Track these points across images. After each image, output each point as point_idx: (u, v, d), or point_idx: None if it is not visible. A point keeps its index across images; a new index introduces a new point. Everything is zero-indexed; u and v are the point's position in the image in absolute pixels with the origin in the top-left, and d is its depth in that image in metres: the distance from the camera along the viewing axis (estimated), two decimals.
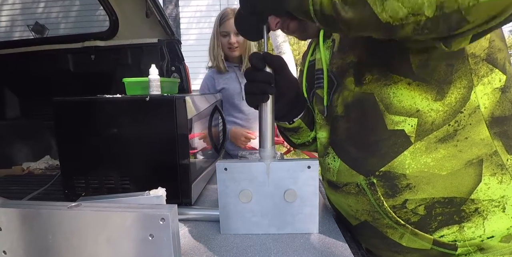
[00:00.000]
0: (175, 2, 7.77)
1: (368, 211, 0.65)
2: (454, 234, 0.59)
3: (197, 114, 1.01)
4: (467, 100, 0.57)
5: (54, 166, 1.56)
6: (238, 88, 1.70)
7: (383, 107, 0.61)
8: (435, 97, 0.57)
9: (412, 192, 0.59)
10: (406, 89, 0.59)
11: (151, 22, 1.66)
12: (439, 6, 0.38)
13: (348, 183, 0.67)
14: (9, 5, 2.21)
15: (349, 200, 0.68)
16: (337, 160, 0.69)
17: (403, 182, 0.60)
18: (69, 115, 0.95)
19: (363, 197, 0.65)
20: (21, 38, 2.07)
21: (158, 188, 0.78)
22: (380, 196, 0.62)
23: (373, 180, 0.62)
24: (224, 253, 0.69)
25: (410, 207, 0.60)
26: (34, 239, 0.55)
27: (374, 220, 0.65)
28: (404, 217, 0.61)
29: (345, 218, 0.74)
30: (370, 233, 0.68)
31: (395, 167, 0.60)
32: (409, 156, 0.59)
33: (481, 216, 0.58)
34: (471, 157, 0.57)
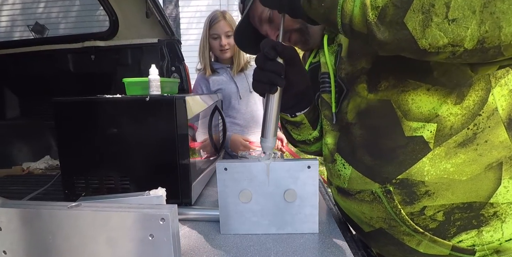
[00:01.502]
0: (175, 2, 7.77)
1: (384, 218, 0.64)
2: (472, 239, 0.58)
3: (197, 114, 1.01)
4: (485, 102, 0.55)
5: (54, 166, 1.56)
6: (234, 88, 1.70)
7: (400, 113, 0.59)
8: (454, 101, 0.56)
9: (431, 198, 0.58)
10: (425, 95, 0.57)
11: (151, 22, 1.66)
12: (481, 40, 0.38)
13: (361, 191, 0.65)
14: (9, 5, 2.21)
15: (362, 207, 0.66)
16: (348, 168, 0.66)
17: (422, 189, 0.58)
18: (69, 115, 0.95)
19: (378, 205, 0.63)
20: (21, 38, 2.07)
21: (158, 188, 0.78)
22: (397, 204, 0.60)
23: (389, 188, 0.60)
24: (224, 253, 0.69)
25: (429, 213, 0.59)
26: (34, 239, 0.55)
27: (390, 227, 0.64)
28: (422, 224, 0.60)
29: (357, 224, 0.72)
30: (385, 240, 0.67)
31: (413, 174, 0.58)
32: (428, 163, 0.57)
33: (499, 219, 0.57)
34: (491, 160, 0.56)
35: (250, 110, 1.74)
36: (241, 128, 1.73)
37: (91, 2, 1.82)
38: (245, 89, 1.72)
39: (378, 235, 0.68)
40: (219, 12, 1.67)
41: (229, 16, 1.67)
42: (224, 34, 1.63)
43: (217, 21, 1.63)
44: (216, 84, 1.69)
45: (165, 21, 1.64)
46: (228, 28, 1.64)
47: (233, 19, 1.68)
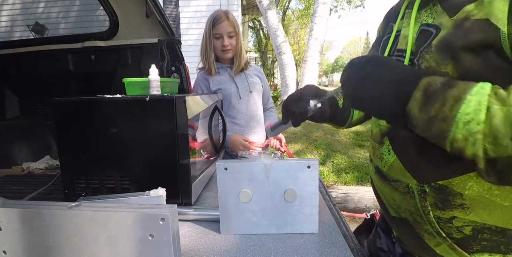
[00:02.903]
0: (175, 2, 7.77)
1: (411, 212, 0.63)
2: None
3: (197, 114, 1.01)
4: None
5: (54, 166, 1.57)
6: (234, 88, 1.70)
7: None
8: None
9: (464, 212, 0.57)
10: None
11: (151, 22, 1.66)
12: None
13: (398, 180, 0.64)
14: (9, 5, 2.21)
15: (394, 195, 0.66)
16: (393, 155, 0.64)
17: (458, 201, 0.57)
18: (69, 115, 0.95)
19: (410, 199, 0.62)
20: (21, 38, 2.07)
21: (158, 188, 0.78)
22: (428, 205, 0.59)
23: (425, 189, 0.59)
24: (224, 253, 0.69)
25: (457, 224, 0.58)
26: (34, 239, 0.55)
27: (414, 221, 0.63)
28: (446, 231, 0.59)
29: (386, 206, 0.72)
30: (407, 230, 0.66)
31: (455, 185, 0.56)
32: (474, 179, 0.55)
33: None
34: None
35: (250, 110, 1.74)
36: (241, 128, 1.73)
37: (91, 2, 1.82)
38: (245, 89, 1.72)
39: (402, 223, 0.67)
40: (222, 12, 1.66)
41: (232, 16, 1.66)
42: (227, 34, 1.63)
43: (221, 21, 1.62)
44: (216, 84, 1.68)
45: (165, 21, 1.64)
46: (231, 28, 1.63)
47: (235, 19, 1.68)
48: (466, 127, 0.42)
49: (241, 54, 1.70)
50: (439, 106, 0.44)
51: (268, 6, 7.41)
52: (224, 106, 1.68)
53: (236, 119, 1.72)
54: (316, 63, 7.34)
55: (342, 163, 4.20)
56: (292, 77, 7.80)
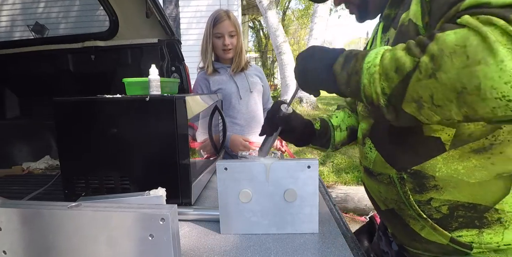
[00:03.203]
0: (175, 2, 7.77)
1: (396, 200, 0.70)
2: (472, 237, 0.62)
3: (197, 114, 1.01)
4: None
5: (54, 166, 1.57)
6: (234, 88, 1.70)
7: None
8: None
9: (438, 192, 0.63)
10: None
11: (151, 22, 1.66)
12: (465, 117, 0.46)
13: (381, 173, 0.72)
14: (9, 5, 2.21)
15: (380, 187, 0.73)
16: (374, 151, 0.74)
17: (431, 183, 0.63)
18: (69, 115, 0.95)
19: (392, 188, 0.70)
20: (21, 38, 2.07)
21: (158, 188, 0.78)
22: (408, 190, 0.66)
23: (403, 176, 0.67)
24: (224, 253, 0.69)
25: (434, 205, 0.64)
26: (34, 239, 0.55)
27: (399, 209, 0.70)
28: (427, 212, 0.65)
29: (376, 202, 0.79)
30: (395, 219, 0.72)
31: (426, 169, 0.63)
32: (441, 161, 0.62)
33: (502, 225, 0.60)
34: (502, 170, 0.59)
35: (251, 110, 1.74)
36: (241, 128, 1.73)
37: (91, 2, 1.81)
38: (245, 89, 1.71)
39: (390, 214, 0.74)
40: (223, 11, 1.66)
41: (233, 16, 1.66)
42: (228, 34, 1.63)
43: (222, 21, 1.62)
44: (216, 84, 1.68)
45: (165, 21, 1.64)
46: (232, 27, 1.63)
47: (236, 19, 1.68)
48: (368, 71, 0.53)
49: (242, 53, 1.70)
50: (353, 64, 0.56)
51: (268, 6, 7.41)
52: (224, 106, 1.68)
53: (236, 119, 1.71)
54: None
55: (342, 163, 4.21)
56: (292, 77, 7.79)
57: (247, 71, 1.75)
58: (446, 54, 0.44)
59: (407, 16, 0.61)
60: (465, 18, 0.45)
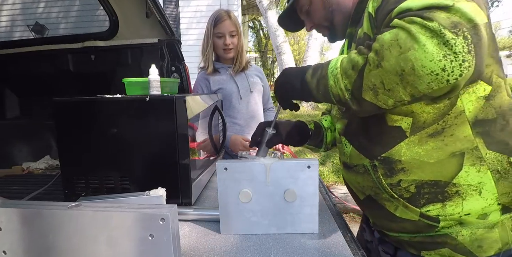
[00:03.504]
0: (175, 2, 7.77)
1: (371, 187, 0.78)
2: (437, 210, 0.71)
3: (197, 114, 1.01)
4: (454, 105, 0.69)
5: (54, 166, 1.57)
6: (234, 88, 1.69)
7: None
8: (426, 103, 0.70)
9: (405, 174, 0.73)
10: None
11: (151, 22, 1.66)
12: (412, 96, 0.58)
13: (357, 165, 0.80)
14: (9, 5, 2.21)
15: (357, 178, 0.82)
16: (349, 146, 0.83)
17: (399, 166, 0.73)
18: (69, 115, 0.95)
19: (368, 176, 0.78)
20: (21, 38, 2.07)
21: (158, 188, 0.78)
22: (380, 175, 0.75)
23: (375, 163, 0.76)
24: (224, 253, 0.69)
25: (404, 185, 0.73)
26: (34, 239, 0.55)
27: (375, 194, 0.78)
28: (398, 193, 0.74)
29: (355, 193, 0.86)
30: (373, 205, 0.80)
31: (393, 154, 0.73)
32: (404, 146, 0.72)
33: (460, 197, 0.70)
34: (454, 150, 0.69)
35: (251, 110, 1.74)
36: (241, 128, 1.72)
37: (91, 2, 1.81)
38: (245, 89, 1.71)
39: (368, 201, 0.82)
40: (223, 11, 1.66)
41: (233, 16, 1.66)
42: (229, 34, 1.63)
43: (223, 20, 1.62)
44: (217, 84, 1.68)
45: (165, 21, 1.64)
46: (233, 27, 1.63)
47: (237, 19, 1.68)
48: (332, 74, 0.66)
49: (242, 53, 1.70)
50: (320, 71, 0.69)
51: (268, 6, 7.41)
52: (225, 106, 1.68)
53: (237, 119, 1.71)
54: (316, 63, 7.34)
55: None
56: None
57: (247, 71, 1.75)
58: (385, 48, 0.57)
59: (362, 30, 0.75)
60: (395, 21, 0.58)
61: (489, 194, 0.69)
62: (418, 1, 0.57)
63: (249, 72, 1.77)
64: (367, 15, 0.72)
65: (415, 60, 0.54)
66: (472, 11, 0.53)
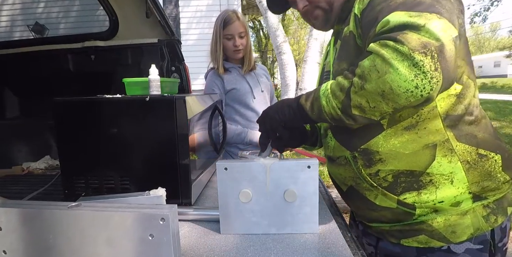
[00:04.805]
0: (175, 2, 7.76)
1: (352, 177, 0.83)
2: (413, 198, 0.76)
3: (197, 114, 1.01)
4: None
5: (54, 166, 1.57)
6: (247, 88, 1.71)
7: None
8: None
9: (383, 164, 0.77)
10: None
11: (151, 22, 1.66)
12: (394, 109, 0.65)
13: (339, 157, 0.85)
14: (9, 5, 2.21)
15: (340, 169, 0.86)
16: (333, 140, 0.87)
17: (377, 157, 0.78)
18: (69, 115, 0.95)
19: (349, 167, 0.83)
20: (21, 38, 2.07)
21: (158, 188, 0.78)
22: (360, 166, 0.80)
23: (355, 154, 0.81)
24: (224, 253, 0.69)
25: (382, 175, 0.78)
26: (34, 239, 0.55)
27: (356, 184, 0.83)
28: (377, 182, 0.79)
29: (338, 185, 0.91)
30: (354, 195, 0.85)
31: (372, 146, 0.78)
32: (382, 139, 0.77)
33: (434, 186, 0.75)
34: (427, 142, 0.75)
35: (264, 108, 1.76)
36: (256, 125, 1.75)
37: (91, 2, 1.81)
38: (257, 88, 1.74)
39: (350, 192, 0.86)
40: (231, 12, 1.66)
41: (242, 16, 1.67)
42: (238, 35, 1.64)
43: (232, 22, 1.62)
44: (230, 84, 1.69)
45: (165, 21, 1.64)
46: (242, 28, 1.64)
47: (245, 19, 1.69)
48: (324, 94, 0.72)
49: (251, 53, 1.73)
50: (313, 95, 0.75)
51: None
52: (237, 105, 1.70)
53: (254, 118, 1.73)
54: (316, 63, 7.33)
55: None
56: (292, 77, 7.79)
57: (255, 70, 1.78)
58: (366, 73, 0.64)
59: (348, 29, 0.79)
60: (371, 46, 0.64)
61: (460, 183, 0.75)
62: (398, 16, 0.63)
63: (257, 71, 1.79)
64: (353, 16, 0.77)
65: (391, 82, 0.61)
66: (441, 29, 0.60)
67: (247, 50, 1.70)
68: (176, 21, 7.72)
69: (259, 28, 16.25)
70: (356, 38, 0.78)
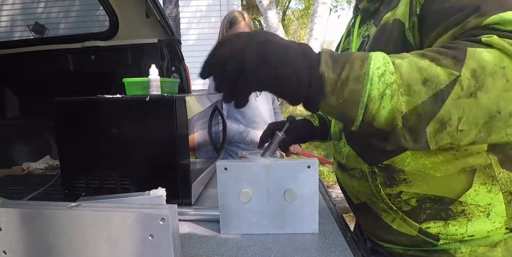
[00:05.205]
0: (175, 2, 7.77)
1: (368, 194, 0.72)
2: (438, 228, 0.65)
3: (197, 114, 1.01)
4: None
5: (54, 166, 1.56)
6: None
7: None
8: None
9: (407, 185, 0.66)
10: None
11: (151, 22, 1.66)
12: (473, 141, 0.46)
13: (354, 168, 0.74)
14: (9, 5, 2.21)
15: (353, 182, 0.75)
16: (347, 147, 0.76)
17: (401, 176, 0.66)
18: (69, 115, 0.95)
19: (365, 182, 0.72)
20: (21, 38, 2.07)
21: (158, 188, 0.78)
22: (379, 184, 0.69)
23: (374, 170, 0.69)
24: (224, 253, 0.69)
25: (404, 197, 0.67)
26: (34, 239, 0.55)
27: (372, 202, 0.72)
28: (397, 205, 0.68)
29: (349, 196, 0.81)
30: (367, 213, 0.75)
31: (396, 163, 0.66)
32: (410, 156, 0.64)
33: (466, 217, 0.63)
34: (465, 165, 0.62)
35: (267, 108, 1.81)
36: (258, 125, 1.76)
37: (91, 2, 1.81)
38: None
39: (363, 207, 0.76)
40: (237, 12, 1.70)
41: (247, 17, 1.71)
42: None
43: (238, 22, 1.66)
44: None
45: (165, 21, 1.64)
46: (247, 29, 1.68)
47: (250, 20, 1.72)
48: (382, 79, 0.43)
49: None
50: (349, 67, 0.44)
51: (268, 6, 7.41)
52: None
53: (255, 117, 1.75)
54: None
55: None
56: None
57: None
58: (488, 73, 0.40)
59: (393, 15, 0.60)
60: (494, 39, 0.42)
61: (498, 217, 0.62)
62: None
63: None
64: (408, 0, 0.58)
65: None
66: None
67: None
68: (176, 21, 7.72)
69: (259, 28, 16.25)
70: (407, 29, 0.58)
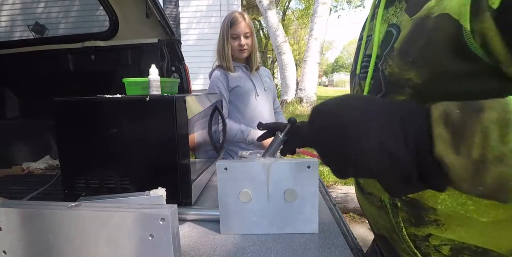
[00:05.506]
0: (175, 2, 7.77)
1: (387, 228, 0.59)
2: None
3: (197, 114, 1.01)
4: None
5: (54, 166, 1.56)
6: (251, 85, 1.76)
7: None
8: None
9: (439, 229, 0.51)
10: None
11: (151, 22, 1.66)
12: None
13: (372, 194, 0.61)
14: (9, 5, 2.21)
15: (372, 209, 0.63)
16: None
17: (431, 216, 0.52)
18: (69, 115, 0.95)
19: (384, 214, 0.58)
20: (21, 38, 2.07)
21: (158, 188, 0.78)
22: (401, 221, 0.55)
23: (397, 203, 0.55)
24: (224, 253, 0.69)
25: (433, 243, 0.52)
26: (34, 239, 0.55)
27: (391, 239, 0.60)
28: (424, 250, 0.54)
29: (369, 220, 0.69)
30: (386, 247, 0.63)
31: (426, 198, 0.51)
32: (446, 192, 0.44)
33: None
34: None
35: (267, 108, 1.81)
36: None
37: (91, 2, 1.81)
38: (261, 87, 1.79)
39: (381, 240, 0.65)
40: (238, 13, 1.73)
41: (248, 18, 1.74)
42: (244, 35, 1.71)
43: (238, 22, 1.69)
44: (235, 81, 1.73)
45: (165, 21, 1.64)
46: (247, 29, 1.71)
47: (250, 20, 1.76)
48: None
49: (256, 53, 1.80)
50: (480, 141, 0.30)
51: (268, 6, 7.42)
52: (240, 104, 1.74)
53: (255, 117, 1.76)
54: (316, 63, 7.35)
55: None
56: (292, 77, 7.80)
57: (259, 71, 1.85)
58: None
59: (439, 6, 0.42)
60: None
61: None
62: None
63: (261, 72, 1.86)
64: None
65: None
66: None
67: (252, 49, 1.76)
68: (176, 21, 7.72)
69: (259, 28, 16.25)
70: (466, 32, 0.38)
